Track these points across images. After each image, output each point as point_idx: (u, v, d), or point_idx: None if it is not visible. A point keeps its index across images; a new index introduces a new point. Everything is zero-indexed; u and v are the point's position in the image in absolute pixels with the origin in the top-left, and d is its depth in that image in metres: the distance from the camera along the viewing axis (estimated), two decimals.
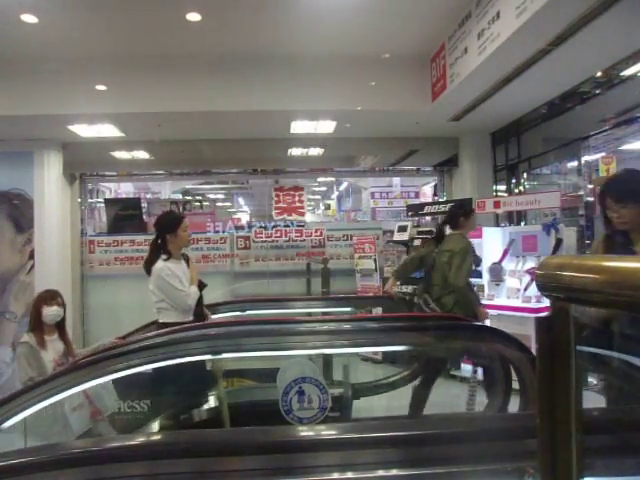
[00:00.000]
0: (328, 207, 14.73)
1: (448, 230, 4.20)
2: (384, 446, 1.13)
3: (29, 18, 4.20)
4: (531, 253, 5.02)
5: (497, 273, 5.13)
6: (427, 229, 6.47)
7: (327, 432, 1.25)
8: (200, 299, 3.38)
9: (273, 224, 7.13)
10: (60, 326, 3.27)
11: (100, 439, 1.81)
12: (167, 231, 3.34)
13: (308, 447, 1.14)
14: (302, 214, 7.55)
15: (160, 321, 3.30)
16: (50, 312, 3.17)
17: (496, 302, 5.01)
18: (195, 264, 3.78)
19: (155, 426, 2.67)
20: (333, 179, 12.10)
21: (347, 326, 2.42)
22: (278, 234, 7.06)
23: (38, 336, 3.13)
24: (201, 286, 3.43)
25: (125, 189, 9.99)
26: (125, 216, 7.06)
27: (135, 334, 3.39)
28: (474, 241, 5.32)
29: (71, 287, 6.70)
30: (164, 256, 3.30)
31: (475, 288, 5.24)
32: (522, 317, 4.63)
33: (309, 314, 4.05)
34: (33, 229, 6.16)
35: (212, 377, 2.69)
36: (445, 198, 7.26)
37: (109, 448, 1.15)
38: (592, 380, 4.53)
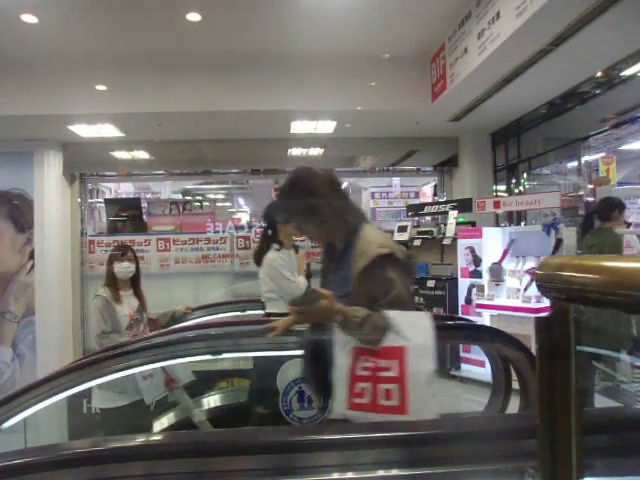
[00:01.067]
0: None
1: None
2: (384, 446, 1.13)
3: (29, 18, 4.20)
4: (531, 253, 5.02)
5: (497, 273, 5.13)
6: (427, 229, 6.46)
7: (327, 432, 1.25)
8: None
9: None
10: (134, 282, 3.31)
11: (100, 439, 1.80)
12: (277, 221, 3.36)
13: (308, 447, 1.14)
14: None
15: (267, 311, 3.31)
16: (121, 267, 3.20)
17: (496, 302, 5.01)
18: (302, 253, 3.80)
19: None
20: None
21: None
22: None
23: (113, 291, 3.17)
24: (309, 276, 3.46)
25: (125, 189, 9.98)
26: (125, 216, 7.06)
27: (211, 308, 3.52)
28: (474, 241, 5.34)
29: (71, 287, 6.70)
30: (276, 246, 3.32)
31: (475, 289, 5.26)
32: (522, 317, 4.62)
33: None
34: (33, 229, 6.16)
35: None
36: (445, 198, 7.26)
37: (109, 448, 1.15)
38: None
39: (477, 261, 5.29)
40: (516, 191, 6.39)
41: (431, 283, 5.76)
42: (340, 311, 1.53)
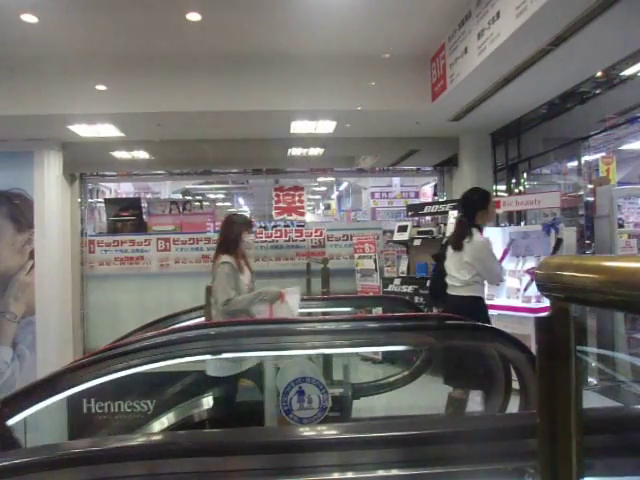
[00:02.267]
0: (328, 207, 14.75)
1: None
2: (384, 446, 1.13)
3: (29, 18, 4.20)
4: (531, 253, 5.02)
5: None
6: (427, 229, 6.47)
7: (327, 432, 1.25)
8: None
9: (273, 224, 7.13)
10: (244, 254, 3.37)
11: (100, 439, 1.80)
12: (478, 208, 3.44)
13: (308, 447, 1.14)
14: (302, 214, 7.55)
15: (465, 294, 3.38)
16: (250, 239, 3.30)
17: (496, 302, 5.01)
18: None
19: None
20: (333, 179, 12.10)
21: (347, 326, 2.43)
22: (278, 234, 7.07)
23: (237, 260, 3.18)
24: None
25: (125, 189, 9.99)
26: (125, 216, 7.07)
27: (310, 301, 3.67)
28: None
29: (71, 287, 6.70)
30: (478, 231, 3.40)
31: None
32: (522, 317, 4.63)
33: (309, 314, 4.05)
34: (33, 229, 6.16)
35: None
36: (445, 198, 7.26)
37: (109, 448, 1.15)
38: (592, 380, 4.54)
39: None
40: (516, 191, 6.39)
41: None
42: None
